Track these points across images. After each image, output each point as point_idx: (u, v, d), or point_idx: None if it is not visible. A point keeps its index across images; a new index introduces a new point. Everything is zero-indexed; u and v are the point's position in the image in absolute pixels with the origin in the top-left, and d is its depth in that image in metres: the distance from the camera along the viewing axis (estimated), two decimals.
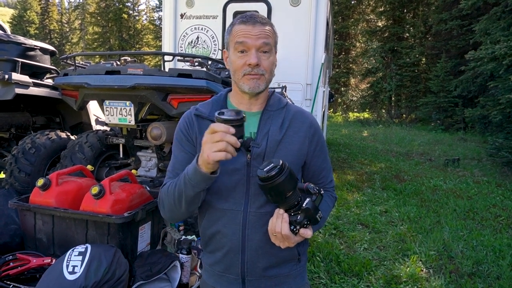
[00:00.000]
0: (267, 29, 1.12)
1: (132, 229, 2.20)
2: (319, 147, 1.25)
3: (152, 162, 3.27)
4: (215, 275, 1.22)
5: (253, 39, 1.10)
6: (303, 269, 1.26)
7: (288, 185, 0.99)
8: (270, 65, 1.14)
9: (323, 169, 1.29)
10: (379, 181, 5.97)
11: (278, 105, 1.22)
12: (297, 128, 1.20)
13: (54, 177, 2.29)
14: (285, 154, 1.15)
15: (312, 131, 1.22)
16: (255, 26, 1.10)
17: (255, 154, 1.13)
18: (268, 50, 1.12)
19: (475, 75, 9.52)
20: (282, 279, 1.19)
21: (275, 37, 1.17)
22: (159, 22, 32.56)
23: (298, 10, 5.29)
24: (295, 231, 1.04)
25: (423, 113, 15.24)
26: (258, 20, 1.12)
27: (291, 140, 1.18)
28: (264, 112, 1.20)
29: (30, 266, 2.09)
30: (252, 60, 1.09)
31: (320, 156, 1.26)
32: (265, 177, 0.97)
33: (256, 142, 1.15)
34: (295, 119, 1.21)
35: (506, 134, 7.22)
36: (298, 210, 1.03)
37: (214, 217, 1.17)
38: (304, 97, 5.36)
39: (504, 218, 4.33)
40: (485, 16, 8.99)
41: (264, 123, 1.18)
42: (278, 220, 1.04)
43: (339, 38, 21.46)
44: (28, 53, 3.72)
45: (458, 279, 2.93)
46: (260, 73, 1.12)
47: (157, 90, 2.65)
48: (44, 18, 40.62)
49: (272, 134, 1.16)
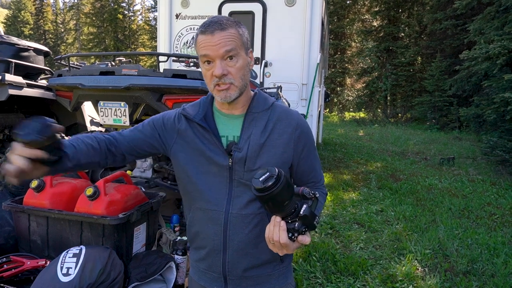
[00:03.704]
0: (228, 34, 1.05)
1: (127, 230, 2.19)
2: (307, 148, 1.21)
3: (147, 163, 3.26)
4: (199, 271, 1.24)
5: (214, 50, 1.05)
6: (287, 269, 1.25)
7: (286, 194, 0.96)
8: (239, 70, 1.08)
9: (312, 169, 1.25)
10: (375, 181, 5.99)
11: (262, 106, 1.18)
12: (281, 130, 1.16)
13: (48, 179, 2.28)
14: (268, 158, 1.13)
15: (298, 133, 1.17)
16: (214, 35, 1.04)
17: (237, 159, 1.12)
18: (234, 55, 1.06)
19: (469, 74, 9.57)
20: (264, 278, 1.19)
21: (242, 37, 1.09)
22: (155, 22, 32.50)
23: (294, 10, 5.31)
24: (293, 239, 1.02)
25: (419, 112, 15.31)
26: (216, 27, 1.05)
27: (275, 144, 1.14)
28: (247, 114, 1.16)
29: (24, 268, 2.07)
30: (217, 72, 1.06)
31: (308, 157, 1.22)
32: (261, 188, 0.94)
33: (238, 146, 1.13)
34: (280, 121, 1.17)
35: (500, 133, 7.26)
36: (296, 218, 1.00)
37: (197, 217, 1.19)
38: (300, 97, 5.37)
39: (498, 216, 4.36)
40: (479, 16, 9.05)
41: (247, 126, 1.15)
42: (275, 229, 1.01)
43: (335, 37, 21.51)
44: (22, 54, 3.69)
45: (453, 278, 2.95)
46: (228, 82, 1.08)
47: (152, 90, 2.64)
48: (39, 19, 40.37)
49: (254, 138, 1.13)
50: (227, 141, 1.16)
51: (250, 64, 1.14)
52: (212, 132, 1.15)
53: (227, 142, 1.16)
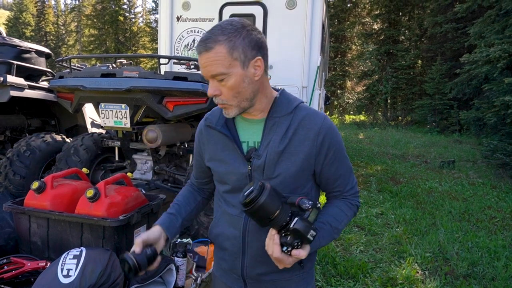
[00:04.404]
0: (213, 55, 1.00)
1: (127, 232, 2.19)
2: (332, 154, 1.12)
3: (148, 165, 3.26)
4: (221, 269, 1.28)
5: (204, 71, 1.03)
6: (308, 274, 1.23)
7: (271, 206, 0.94)
8: (230, 90, 1.03)
9: (339, 177, 1.16)
10: (375, 184, 5.99)
11: (286, 109, 1.11)
12: (303, 136, 1.09)
13: (49, 180, 2.28)
14: (287, 166, 1.09)
15: (321, 138, 1.09)
16: (201, 56, 1.02)
17: (256, 166, 1.10)
18: (222, 77, 1.02)
19: (470, 77, 9.58)
20: (283, 283, 1.19)
21: (233, 53, 1.00)
22: (155, 24, 32.57)
23: (294, 13, 5.32)
24: (287, 253, 0.98)
25: (419, 115, 15.33)
26: (201, 48, 1.01)
27: (295, 151, 1.09)
28: (268, 119, 1.11)
29: (25, 269, 2.07)
30: (208, 92, 1.05)
31: (333, 164, 1.13)
32: (244, 202, 0.94)
33: (257, 153, 1.10)
34: (302, 126, 1.10)
35: (501, 136, 7.26)
36: (288, 231, 0.97)
37: (220, 219, 1.23)
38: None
39: (499, 220, 4.36)
40: (480, 19, 9.06)
41: (268, 132, 1.11)
42: (270, 242, 1.00)
43: (335, 40, 21.55)
44: (23, 55, 3.71)
45: (453, 281, 2.94)
46: (221, 103, 1.06)
47: (153, 93, 2.65)
48: (40, 20, 40.47)
49: (273, 145, 1.09)
50: (247, 147, 1.15)
51: (254, 75, 1.05)
52: (233, 139, 1.14)
53: (247, 148, 1.14)
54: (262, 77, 1.07)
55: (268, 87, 1.14)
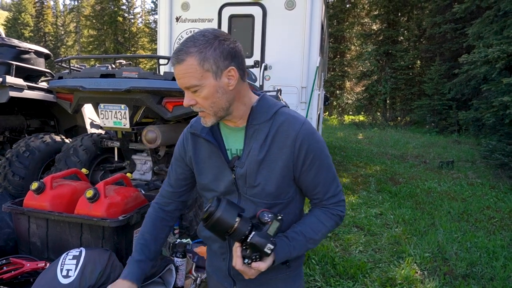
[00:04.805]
0: (185, 68, 0.99)
1: (127, 233, 2.19)
2: (310, 161, 1.09)
3: (147, 166, 3.26)
4: (213, 266, 1.32)
5: (178, 83, 1.03)
6: (295, 273, 1.26)
7: (227, 221, 0.97)
8: (205, 100, 1.03)
9: (318, 184, 1.13)
10: (374, 184, 6.00)
11: (265, 116, 1.09)
12: (281, 142, 1.07)
13: (49, 181, 2.28)
14: (267, 174, 1.09)
15: (298, 144, 1.07)
16: (174, 68, 1.02)
17: (239, 175, 1.11)
18: (195, 88, 1.02)
19: (468, 78, 9.60)
20: (270, 281, 1.21)
21: (204, 64, 0.99)
22: (155, 25, 32.57)
23: (293, 14, 5.33)
24: (248, 265, 1.00)
25: (418, 115, 15.35)
26: (174, 60, 1.01)
27: (275, 158, 1.08)
28: (248, 127, 1.10)
29: (24, 270, 2.07)
30: (184, 103, 1.06)
31: (311, 171, 1.11)
32: (202, 218, 0.98)
33: (240, 162, 1.10)
34: (280, 132, 1.08)
35: (500, 136, 7.28)
36: (247, 244, 0.99)
37: None
38: (299, 100, 5.39)
39: (497, 220, 4.37)
40: (478, 20, 9.09)
41: (248, 140, 1.10)
42: (234, 254, 1.03)
43: (334, 41, 21.59)
44: (23, 56, 3.70)
45: (452, 281, 2.95)
46: (199, 110, 1.07)
47: (152, 93, 2.65)
48: (39, 21, 40.42)
49: (253, 153, 1.08)
50: (231, 155, 1.15)
51: (228, 85, 1.03)
52: (219, 146, 1.14)
53: (231, 155, 1.15)
54: (237, 86, 1.06)
55: (246, 95, 1.11)
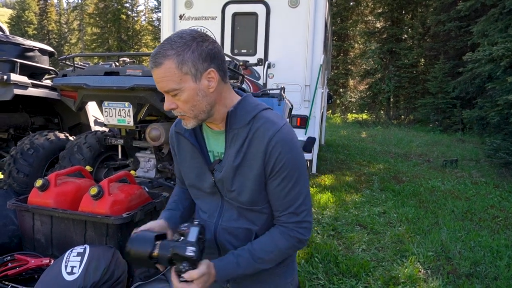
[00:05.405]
0: (163, 72, 0.96)
1: (130, 230, 2.20)
2: (277, 170, 1.04)
3: (151, 163, 3.27)
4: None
5: (158, 86, 1.00)
6: (288, 268, 1.25)
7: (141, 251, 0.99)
8: (185, 103, 1.01)
9: (279, 197, 1.07)
10: (377, 182, 5.98)
11: (243, 120, 1.06)
12: (256, 148, 1.04)
13: (53, 178, 2.30)
14: (242, 181, 1.07)
15: (270, 149, 1.02)
16: (153, 72, 0.98)
17: (217, 179, 1.11)
18: (174, 92, 0.99)
19: (473, 76, 9.54)
20: (260, 277, 1.20)
21: (182, 67, 0.96)
22: (158, 23, 32.59)
23: (297, 11, 5.31)
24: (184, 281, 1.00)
25: (422, 114, 15.28)
26: (152, 63, 0.98)
27: (250, 164, 1.05)
28: (228, 131, 1.08)
29: (29, 266, 2.09)
30: (164, 106, 1.04)
31: (276, 180, 1.05)
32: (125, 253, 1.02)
33: (220, 166, 1.10)
34: (255, 138, 1.04)
35: (504, 135, 7.24)
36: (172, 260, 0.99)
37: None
38: (303, 99, 5.38)
39: (501, 219, 4.35)
40: (483, 18, 9.03)
41: (229, 144, 1.08)
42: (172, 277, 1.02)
43: (338, 39, 21.51)
44: (27, 54, 3.72)
45: (456, 280, 2.94)
46: (180, 114, 1.05)
47: (156, 91, 2.65)
48: (43, 19, 40.58)
49: (229, 159, 1.07)
50: (213, 157, 1.15)
51: (209, 87, 1.01)
52: (200, 148, 1.14)
53: (214, 157, 1.15)
54: (218, 88, 1.03)
55: (228, 97, 1.08)
